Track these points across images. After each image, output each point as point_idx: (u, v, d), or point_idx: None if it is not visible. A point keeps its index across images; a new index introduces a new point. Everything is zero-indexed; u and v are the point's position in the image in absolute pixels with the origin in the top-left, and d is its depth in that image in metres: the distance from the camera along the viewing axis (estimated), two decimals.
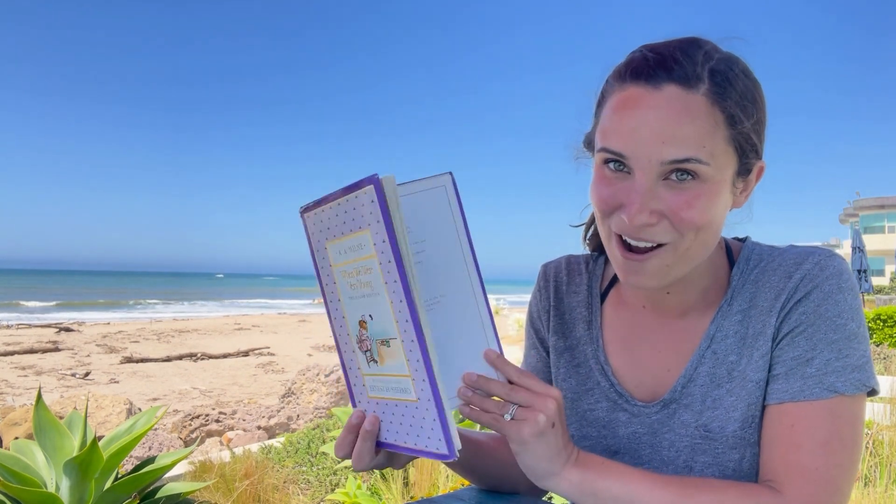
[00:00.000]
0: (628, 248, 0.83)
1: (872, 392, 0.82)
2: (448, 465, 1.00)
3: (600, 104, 0.86)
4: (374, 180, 0.69)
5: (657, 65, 0.79)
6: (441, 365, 0.80)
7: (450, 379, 0.80)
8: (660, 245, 0.81)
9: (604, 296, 1.03)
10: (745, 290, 0.89)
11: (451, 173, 0.83)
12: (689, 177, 0.78)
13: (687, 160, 0.76)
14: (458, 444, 0.72)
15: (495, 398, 0.79)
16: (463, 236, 0.82)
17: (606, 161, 0.82)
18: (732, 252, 0.93)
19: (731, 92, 0.78)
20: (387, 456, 0.82)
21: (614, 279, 1.03)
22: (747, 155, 0.82)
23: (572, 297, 1.05)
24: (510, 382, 0.78)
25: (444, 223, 0.82)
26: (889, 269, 39.25)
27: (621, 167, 0.81)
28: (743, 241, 0.95)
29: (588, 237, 1.07)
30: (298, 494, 3.93)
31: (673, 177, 0.78)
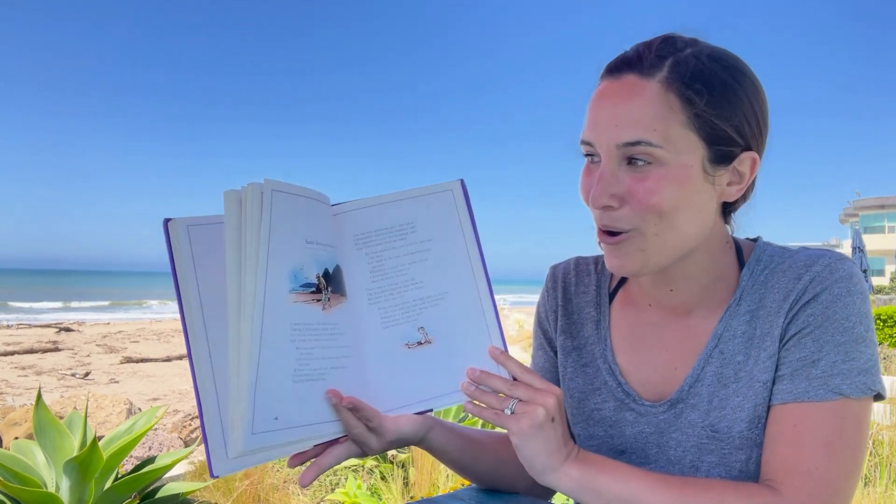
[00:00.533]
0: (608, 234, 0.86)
1: (879, 397, 0.82)
2: (446, 463, 1.00)
3: None
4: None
5: (623, 60, 0.84)
6: (442, 360, 0.85)
7: (448, 375, 0.84)
8: (627, 231, 0.83)
9: (612, 296, 1.03)
10: (754, 291, 0.89)
11: (461, 181, 0.89)
12: (646, 161, 0.80)
13: (638, 143, 0.79)
14: (217, 465, 0.74)
15: (499, 394, 0.82)
16: (470, 238, 0.88)
17: (586, 154, 0.87)
18: (743, 252, 0.93)
19: (691, 79, 0.80)
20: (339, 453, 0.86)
21: (623, 279, 1.03)
22: (718, 142, 0.81)
23: (581, 297, 1.05)
24: (514, 379, 0.82)
25: (451, 224, 0.88)
26: (889, 269, 39.24)
27: (596, 158, 0.85)
28: (755, 241, 0.95)
29: None
30: (298, 494, 3.93)
31: (633, 161, 0.81)
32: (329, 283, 0.81)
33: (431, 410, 0.86)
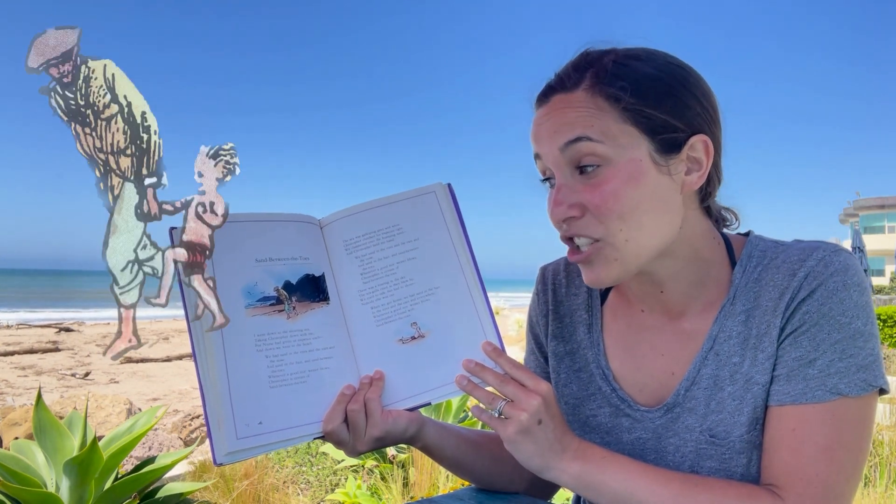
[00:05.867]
0: (576, 251, 0.85)
1: (882, 391, 0.80)
2: (442, 462, 0.99)
3: None
4: None
5: (548, 86, 0.87)
6: (437, 353, 0.88)
7: (443, 367, 0.87)
8: (596, 241, 0.83)
9: (604, 297, 1.01)
10: (748, 289, 0.86)
11: (448, 184, 0.93)
12: (595, 165, 0.81)
13: (578, 139, 0.80)
14: (221, 451, 0.77)
15: (489, 388, 0.84)
16: (457, 236, 0.91)
17: (543, 179, 0.88)
18: (734, 249, 0.90)
19: (613, 80, 0.82)
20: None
21: None
22: (658, 132, 0.81)
23: (572, 300, 1.03)
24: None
25: (436, 224, 0.91)
26: (889, 269, 39.16)
27: (553, 181, 0.85)
28: (746, 235, 0.92)
29: None
30: (298, 494, 3.93)
31: (584, 170, 0.81)
32: (294, 293, 0.86)
33: (429, 403, 0.87)
